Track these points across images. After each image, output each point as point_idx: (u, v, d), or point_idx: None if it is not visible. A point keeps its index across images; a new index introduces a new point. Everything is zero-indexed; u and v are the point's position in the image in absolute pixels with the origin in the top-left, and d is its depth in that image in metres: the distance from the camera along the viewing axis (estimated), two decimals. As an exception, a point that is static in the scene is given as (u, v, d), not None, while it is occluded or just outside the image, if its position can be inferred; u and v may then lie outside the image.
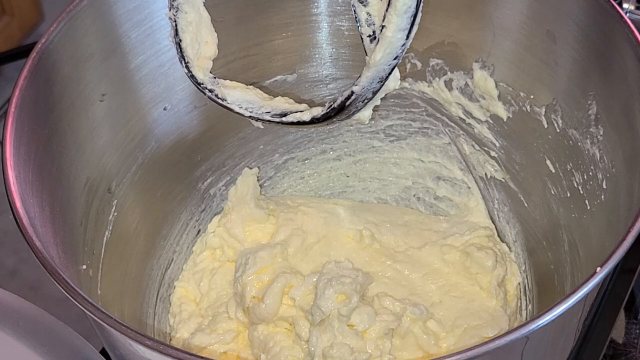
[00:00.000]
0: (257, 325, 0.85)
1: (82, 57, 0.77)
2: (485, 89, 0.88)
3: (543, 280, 0.88)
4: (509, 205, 0.94)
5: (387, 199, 1.03)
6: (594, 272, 0.59)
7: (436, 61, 0.90)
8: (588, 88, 0.77)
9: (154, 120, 0.87)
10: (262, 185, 1.00)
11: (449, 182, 0.99)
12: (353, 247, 0.94)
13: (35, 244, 0.63)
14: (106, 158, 0.81)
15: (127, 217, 0.85)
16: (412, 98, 0.95)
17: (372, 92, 0.69)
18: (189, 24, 0.75)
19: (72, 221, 0.75)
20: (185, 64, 0.76)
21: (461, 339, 0.85)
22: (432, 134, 0.97)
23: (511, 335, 0.56)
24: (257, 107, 0.78)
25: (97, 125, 0.80)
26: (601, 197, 0.76)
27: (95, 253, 0.78)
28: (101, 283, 0.77)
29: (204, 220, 0.97)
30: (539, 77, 0.82)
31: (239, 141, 0.96)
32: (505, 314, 0.88)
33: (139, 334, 0.58)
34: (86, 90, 0.78)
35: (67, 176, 0.75)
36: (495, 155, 0.92)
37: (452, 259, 0.92)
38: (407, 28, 0.64)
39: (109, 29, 0.79)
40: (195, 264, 0.95)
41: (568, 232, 0.82)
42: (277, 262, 0.89)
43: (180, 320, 0.90)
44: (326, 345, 0.80)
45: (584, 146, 0.78)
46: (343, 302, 0.81)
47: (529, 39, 0.81)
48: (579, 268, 0.78)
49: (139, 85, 0.84)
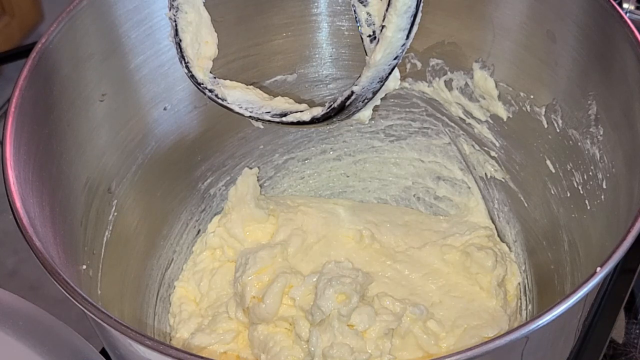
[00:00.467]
0: (257, 325, 0.85)
1: (82, 57, 0.77)
2: (485, 89, 0.88)
3: (543, 280, 0.88)
4: (509, 205, 0.94)
5: (387, 199, 1.03)
6: (594, 272, 0.59)
7: (436, 61, 0.90)
8: (588, 88, 0.77)
9: (154, 120, 0.87)
10: (262, 185, 1.00)
11: (449, 182, 0.99)
12: (353, 247, 0.94)
13: (35, 244, 0.63)
14: (106, 158, 0.81)
15: (127, 217, 0.85)
16: (412, 98, 0.95)
17: (372, 92, 0.69)
18: (189, 24, 0.75)
19: (72, 221, 0.75)
20: (185, 64, 0.76)
21: (461, 339, 0.85)
22: (432, 134, 0.97)
23: (511, 335, 0.56)
24: (257, 107, 0.78)
25: (97, 125, 0.80)
26: (601, 197, 0.76)
27: (95, 253, 0.78)
28: (101, 283, 0.77)
29: (204, 220, 0.97)
30: (539, 77, 0.82)
31: (239, 141, 0.96)
32: (505, 314, 0.88)
33: (139, 334, 0.58)
34: (86, 90, 0.78)
35: (67, 176, 0.75)
36: (495, 155, 0.92)
37: (452, 259, 0.92)
38: (407, 28, 0.64)
39: (109, 29, 0.79)
40: (195, 264, 0.95)
41: (568, 232, 0.82)
42: (277, 262, 0.89)
43: (180, 320, 0.90)
44: (326, 345, 0.80)
45: (584, 146, 0.78)
46: (343, 302, 0.81)
47: (529, 39, 0.81)
48: (579, 268, 0.78)
49: (139, 85, 0.84)
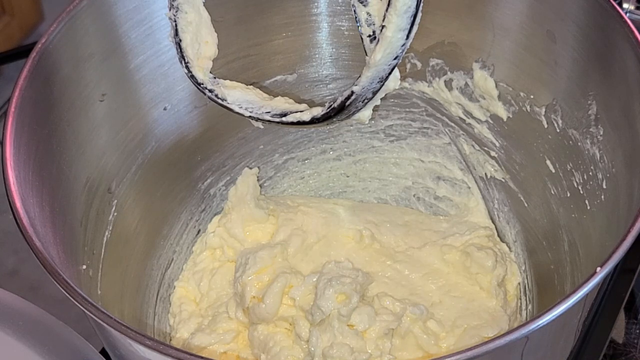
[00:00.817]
0: (257, 325, 0.85)
1: (82, 57, 0.77)
2: (485, 89, 0.88)
3: (543, 280, 0.88)
4: (509, 205, 0.94)
5: (387, 199, 1.03)
6: (594, 272, 0.59)
7: (436, 61, 0.90)
8: (588, 88, 0.77)
9: (154, 120, 0.87)
10: (262, 185, 1.00)
11: (449, 182, 0.99)
12: (353, 247, 0.94)
13: (35, 244, 0.63)
14: (106, 158, 0.81)
15: (127, 217, 0.85)
16: (412, 98, 0.95)
17: (372, 92, 0.69)
18: (189, 23, 0.75)
19: (72, 221, 0.75)
20: (185, 64, 0.76)
21: (461, 339, 0.85)
22: (432, 134, 0.97)
23: (511, 335, 0.56)
24: (257, 107, 0.78)
25: (97, 125, 0.80)
26: (601, 197, 0.76)
27: (95, 253, 0.78)
28: (101, 283, 0.77)
29: (204, 220, 0.97)
30: (539, 77, 0.82)
31: (239, 141, 0.96)
32: (505, 314, 0.88)
33: (139, 334, 0.58)
34: (86, 90, 0.78)
35: (67, 176, 0.75)
36: (495, 155, 0.92)
37: (452, 259, 0.92)
38: (407, 28, 0.64)
39: (109, 29, 0.79)
40: (195, 264, 0.95)
41: (568, 232, 0.82)
42: (277, 262, 0.89)
43: (180, 320, 0.90)
44: (326, 345, 0.80)
45: (584, 146, 0.78)
46: (343, 302, 0.81)
47: (529, 39, 0.82)
48: (579, 268, 0.79)
49: (139, 85, 0.84)
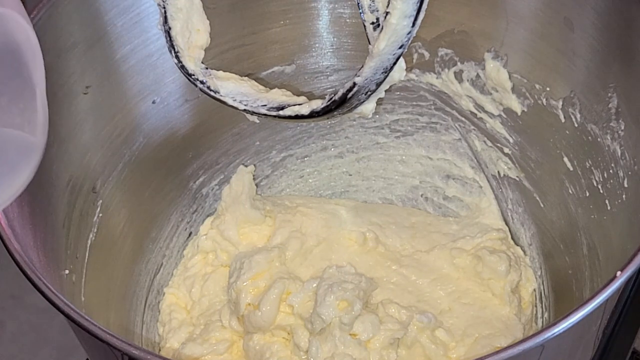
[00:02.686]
0: (253, 334, 0.85)
1: (64, 46, 0.77)
2: (498, 81, 0.88)
3: (560, 286, 0.88)
4: (524, 206, 0.94)
5: (393, 199, 1.04)
6: (614, 277, 0.59)
7: (445, 51, 0.90)
8: (608, 79, 0.77)
9: (142, 115, 0.87)
10: (258, 184, 1.00)
11: (459, 181, 0.99)
12: (356, 250, 0.94)
13: (14, 246, 0.63)
14: (90, 155, 0.82)
15: (113, 219, 0.85)
16: (419, 91, 0.95)
17: (376, 83, 0.69)
18: (179, 10, 0.75)
19: (54, 223, 0.75)
20: (175, 54, 0.76)
21: (472, 349, 0.85)
22: (441, 129, 0.97)
23: (525, 344, 0.56)
24: (253, 100, 0.78)
25: (80, 119, 0.80)
26: (622, 197, 0.76)
27: (78, 257, 0.78)
28: (85, 289, 0.78)
29: (195, 222, 0.98)
30: (555, 68, 0.83)
31: (234, 137, 0.96)
32: (519, 322, 0.88)
33: (126, 343, 0.58)
34: (69, 81, 0.78)
35: (48, 174, 0.75)
36: (509, 152, 0.92)
37: (462, 263, 0.92)
38: (413, 15, 0.64)
39: (93, 17, 0.79)
40: (186, 268, 0.95)
41: (587, 234, 0.82)
42: (274, 266, 0.89)
43: (170, 329, 0.90)
44: (327, 356, 0.80)
45: (604, 142, 0.78)
46: (345, 310, 0.81)
47: (544, 27, 0.82)
48: (599, 272, 0.79)
49: (125, 76, 0.84)
